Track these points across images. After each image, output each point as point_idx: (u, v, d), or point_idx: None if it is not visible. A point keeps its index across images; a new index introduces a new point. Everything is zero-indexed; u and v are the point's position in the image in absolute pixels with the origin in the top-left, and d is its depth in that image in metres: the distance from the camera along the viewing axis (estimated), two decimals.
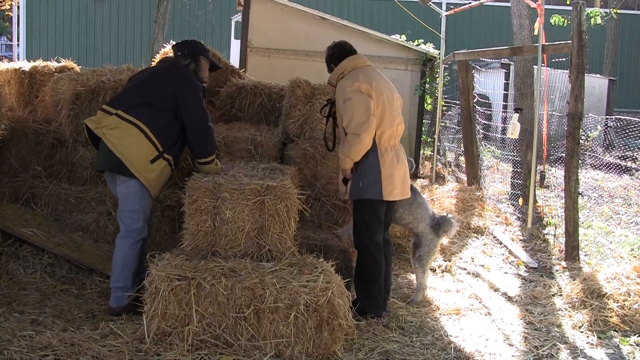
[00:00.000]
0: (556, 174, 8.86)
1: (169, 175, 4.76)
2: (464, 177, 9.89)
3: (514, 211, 8.35)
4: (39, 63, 6.80)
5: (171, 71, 4.79)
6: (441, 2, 21.47)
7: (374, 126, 4.60)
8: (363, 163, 4.69)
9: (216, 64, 5.11)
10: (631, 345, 4.60)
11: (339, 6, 22.23)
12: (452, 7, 10.71)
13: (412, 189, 5.20)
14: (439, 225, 5.30)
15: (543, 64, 7.23)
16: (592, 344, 4.61)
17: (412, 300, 5.26)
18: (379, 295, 4.78)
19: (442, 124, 11.19)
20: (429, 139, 11.64)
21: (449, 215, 5.41)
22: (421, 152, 10.86)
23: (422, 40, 10.86)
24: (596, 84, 15.68)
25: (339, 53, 4.91)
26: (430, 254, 5.32)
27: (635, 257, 6.01)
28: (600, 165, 10.67)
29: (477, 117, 9.45)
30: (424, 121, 10.80)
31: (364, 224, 4.79)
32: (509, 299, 5.52)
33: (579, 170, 6.42)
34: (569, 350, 4.49)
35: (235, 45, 17.06)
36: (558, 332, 4.80)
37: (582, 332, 4.81)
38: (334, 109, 4.93)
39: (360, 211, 4.80)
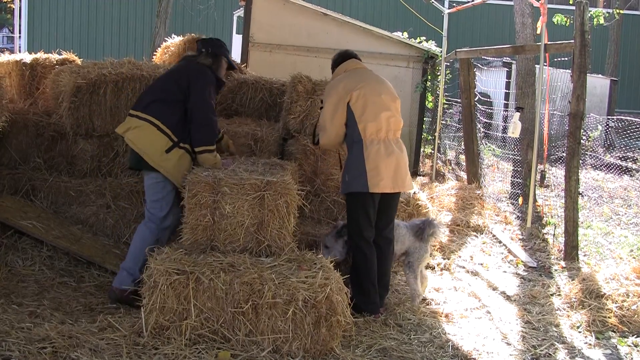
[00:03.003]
0: (556, 174, 8.86)
1: (191, 162, 4.86)
2: (464, 175, 9.89)
3: (514, 210, 8.34)
4: (40, 55, 6.79)
5: (184, 68, 4.97)
6: (444, 0, 21.45)
7: (333, 133, 4.84)
8: (348, 157, 4.82)
9: (232, 64, 5.39)
10: (629, 346, 4.60)
11: (342, 2, 22.19)
12: (454, 4, 10.70)
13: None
14: (421, 230, 5.21)
15: (545, 63, 7.22)
16: (590, 344, 4.61)
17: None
18: (373, 291, 4.78)
19: (443, 122, 11.18)
20: (430, 137, 11.64)
21: (430, 218, 5.34)
22: (422, 149, 10.85)
23: (424, 38, 10.85)
24: (598, 84, 15.68)
25: (341, 59, 5.12)
26: (420, 259, 5.23)
27: (634, 258, 6.01)
28: (600, 166, 10.68)
29: (478, 116, 9.45)
30: (424, 119, 10.79)
31: (351, 219, 4.84)
32: (508, 298, 5.52)
33: (579, 170, 6.42)
34: (566, 350, 4.49)
35: (237, 40, 17.01)
36: (556, 331, 4.80)
37: (580, 332, 4.81)
38: None
39: (349, 206, 4.86)
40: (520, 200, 8.19)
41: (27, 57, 6.71)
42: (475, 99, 9.35)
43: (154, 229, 4.84)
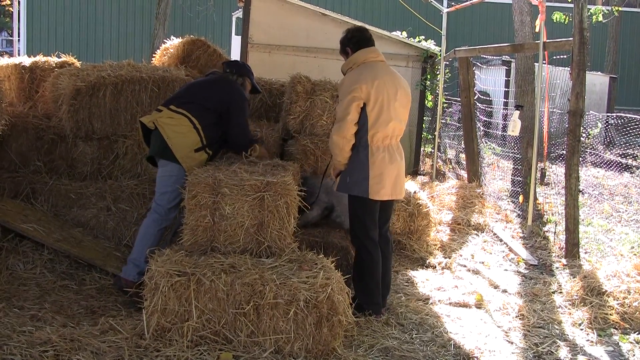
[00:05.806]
0: (556, 172, 8.85)
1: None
2: (464, 174, 9.89)
3: (514, 208, 8.34)
4: (40, 58, 6.80)
5: (222, 81, 5.21)
6: None
7: (347, 129, 4.59)
8: (353, 159, 4.69)
9: (257, 87, 5.57)
10: (631, 342, 4.61)
11: (340, 2, 22.20)
12: (453, 3, 10.71)
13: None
14: None
15: (544, 61, 7.22)
16: (591, 342, 4.61)
17: None
18: (376, 292, 4.77)
19: (442, 121, 11.19)
20: (430, 136, 11.64)
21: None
22: (422, 149, 10.85)
23: (423, 37, 10.85)
24: (597, 82, 15.67)
25: (357, 39, 4.86)
26: None
27: (635, 254, 6.01)
28: (600, 163, 10.68)
29: (478, 114, 9.45)
30: (424, 118, 10.78)
31: (357, 220, 4.79)
32: (509, 296, 5.52)
33: (580, 168, 6.41)
34: (568, 348, 4.49)
35: (236, 42, 17.03)
36: (558, 329, 4.80)
37: (581, 329, 4.81)
38: None
39: (354, 206, 4.81)
40: (521, 198, 8.20)
41: (26, 60, 6.71)
42: (475, 98, 9.36)
43: (158, 219, 4.92)
